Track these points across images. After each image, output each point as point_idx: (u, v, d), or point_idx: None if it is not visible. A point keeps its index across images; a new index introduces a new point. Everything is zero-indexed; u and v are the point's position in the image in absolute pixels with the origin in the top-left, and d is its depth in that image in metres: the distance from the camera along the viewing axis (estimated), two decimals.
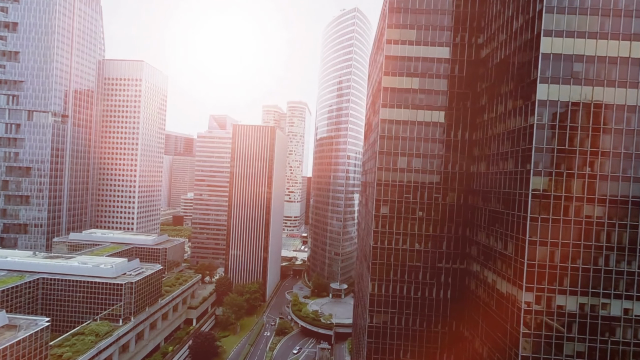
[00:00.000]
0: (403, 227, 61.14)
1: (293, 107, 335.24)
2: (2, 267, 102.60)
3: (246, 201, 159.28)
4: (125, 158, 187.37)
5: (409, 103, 60.94)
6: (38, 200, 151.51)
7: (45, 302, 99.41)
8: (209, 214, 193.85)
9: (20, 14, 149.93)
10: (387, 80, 61.18)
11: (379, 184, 61.43)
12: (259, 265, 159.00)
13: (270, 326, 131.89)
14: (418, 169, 60.93)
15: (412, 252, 61.24)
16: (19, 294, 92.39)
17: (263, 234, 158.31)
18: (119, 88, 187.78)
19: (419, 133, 60.83)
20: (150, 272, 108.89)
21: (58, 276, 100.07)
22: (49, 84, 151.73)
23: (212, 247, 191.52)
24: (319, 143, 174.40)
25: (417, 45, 60.48)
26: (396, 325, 61.41)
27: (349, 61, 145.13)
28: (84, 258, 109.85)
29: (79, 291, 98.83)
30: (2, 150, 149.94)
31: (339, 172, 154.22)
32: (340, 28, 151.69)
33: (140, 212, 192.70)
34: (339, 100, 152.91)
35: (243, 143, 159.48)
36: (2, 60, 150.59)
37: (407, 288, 61.40)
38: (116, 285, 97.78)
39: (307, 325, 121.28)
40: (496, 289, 48.34)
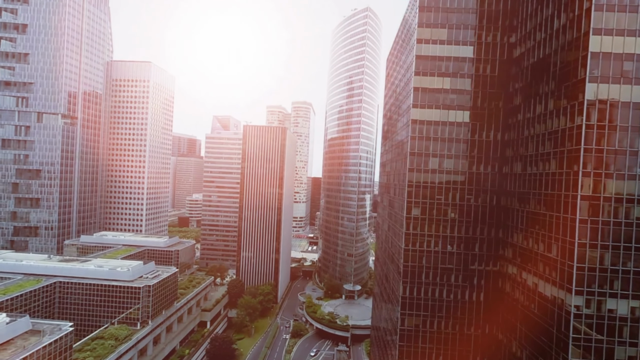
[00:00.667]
0: (435, 229, 60.37)
1: (298, 107, 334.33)
2: (18, 271, 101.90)
3: (257, 202, 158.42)
4: (133, 160, 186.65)
5: (440, 103, 60.17)
6: (48, 203, 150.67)
7: (62, 305, 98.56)
8: (218, 215, 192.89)
9: (30, 15, 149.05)
10: (418, 80, 60.39)
11: (410, 186, 60.65)
12: (271, 266, 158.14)
13: (285, 328, 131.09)
14: (450, 170, 60.16)
15: (444, 254, 60.47)
16: (36, 298, 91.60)
17: (274, 236, 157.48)
18: (127, 89, 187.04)
19: (450, 133, 60.05)
20: (166, 274, 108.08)
21: (75, 280, 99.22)
22: (59, 85, 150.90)
23: (221, 249, 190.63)
24: (329, 144, 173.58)
25: (449, 44, 59.72)
26: (428, 329, 60.63)
27: (361, 61, 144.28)
28: (100, 261, 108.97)
29: (96, 295, 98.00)
30: (12, 152, 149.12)
31: (350, 172, 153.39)
32: (351, 28, 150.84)
33: (149, 214, 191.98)
34: (350, 100, 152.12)
35: (254, 144, 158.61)
36: (11, 62, 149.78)
37: (439, 290, 60.63)
38: (133, 288, 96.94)
39: (323, 327, 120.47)
40: (538, 292, 47.54)
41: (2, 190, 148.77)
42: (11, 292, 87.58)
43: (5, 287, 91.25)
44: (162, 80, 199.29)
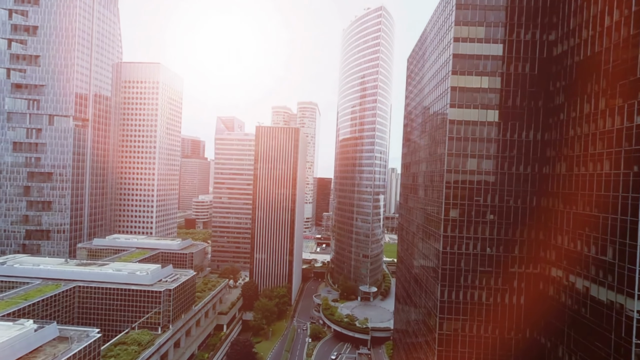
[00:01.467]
0: (473, 231, 59.16)
1: (304, 107, 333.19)
2: (36, 276, 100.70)
3: (270, 203, 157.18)
4: (143, 162, 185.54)
5: (477, 103, 58.96)
6: (60, 206, 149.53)
7: (82, 310, 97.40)
8: (229, 217, 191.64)
9: (40, 17, 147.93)
10: (455, 80, 59.19)
11: (448, 187, 59.45)
12: (285, 268, 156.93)
13: (303, 331, 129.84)
14: (488, 171, 58.95)
15: (482, 256, 59.25)
16: (56, 303, 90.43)
17: (288, 237, 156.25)
18: (137, 91, 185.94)
19: (488, 134, 58.85)
20: (184, 278, 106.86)
21: (94, 284, 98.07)
22: (70, 87, 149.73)
23: (232, 251, 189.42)
24: (341, 144, 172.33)
25: (486, 42, 58.53)
26: (467, 333, 59.40)
27: (375, 61, 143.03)
28: (117, 265, 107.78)
29: (116, 299, 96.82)
30: (23, 155, 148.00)
31: (364, 173, 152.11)
32: (364, 27, 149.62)
33: (159, 216, 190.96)
34: (363, 100, 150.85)
35: (266, 145, 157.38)
36: (22, 64, 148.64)
37: (478, 294, 59.41)
38: (154, 292, 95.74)
39: (341, 329, 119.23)
40: (590, 296, 46.31)
41: (14, 193, 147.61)
42: (32, 298, 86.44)
43: (26, 292, 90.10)
44: (171, 81, 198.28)
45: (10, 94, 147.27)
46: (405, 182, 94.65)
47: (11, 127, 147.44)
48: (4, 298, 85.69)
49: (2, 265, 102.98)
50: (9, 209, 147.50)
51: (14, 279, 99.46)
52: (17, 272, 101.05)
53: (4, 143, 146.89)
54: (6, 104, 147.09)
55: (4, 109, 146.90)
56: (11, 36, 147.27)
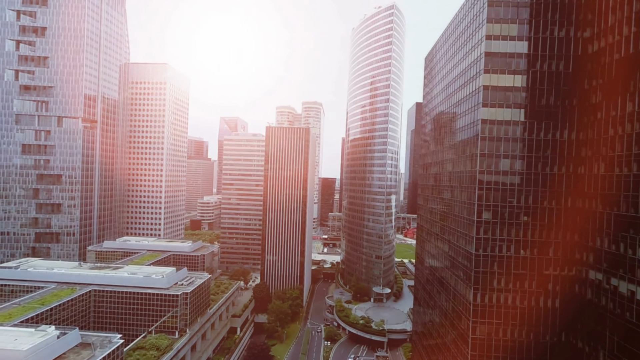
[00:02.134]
0: (507, 233, 57.89)
1: (309, 107, 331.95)
2: (51, 280, 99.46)
3: (281, 204, 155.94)
4: (151, 163, 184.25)
5: (510, 102, 57.70)
6: (70, 209, 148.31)
7: (97, 314, 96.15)
8: (237, 218, 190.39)
9: (49, 18, 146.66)
10: (487, 78, 57.92)
11: (481, 188, 58.17)
12: (296, 270, 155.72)
13: (317, 333, 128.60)
14: (522, 171, 57.67)
15: (516, 259, 58.00)
16: (73, 308, 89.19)
17: (299, 238, 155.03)
18: (144, 91, 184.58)
19: (522, 133, 57.57)
20: (199, 281, 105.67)
21: (109, 288, 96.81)
22: (79, 89, 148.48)
23: (241, 252, 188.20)
24: (351, 144, 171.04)
25: (519, 40, 57.26)
26: (501, 337, 58.17)
27: (387, 60, 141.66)
28: (132, 268, 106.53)
29: (132, 303, 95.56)
30: (32, 157, 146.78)
31: (375, 173, 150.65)
32: (375, 26, 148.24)
33: (167, 218, 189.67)
34: (375, 100, 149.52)
35: (277, 145, 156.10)
36: (30, 65, 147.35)
37: (512, 297, 58.16)
38: (171, 296, 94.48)
39: (357, 331, 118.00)
40: (636, 300, 45.05)
41: (23, 196, 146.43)
42: (49, 302, 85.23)
43: (42, 297, 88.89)
44: (177, 82, 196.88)
45: (19, 95, 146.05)
46: (425, 182, 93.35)
47: (20, 129, 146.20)
48: (21, 303, 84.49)
49: (16, 270, 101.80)
50: (18, 211, 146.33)
51: (28, 283, 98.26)
52: (32, 276, 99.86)
53: (12, 145, 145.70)
54: (15, 105, 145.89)
55: (12, 111, 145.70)
56: (19, 37, 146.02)
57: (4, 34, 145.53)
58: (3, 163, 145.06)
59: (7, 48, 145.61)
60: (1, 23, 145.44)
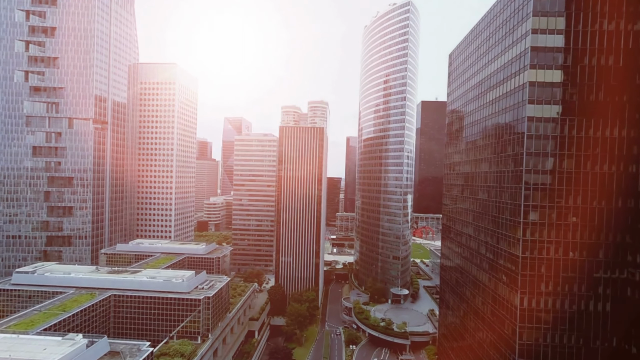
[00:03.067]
0: (555, 234, 55.71)
1: (315, 106, 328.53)
2: (69, 285, 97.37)
3: (295, 205, 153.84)
4: (161, 164, 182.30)
5: (558, 98, 55.47)
6: (82, 211, 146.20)
7: (117, 320, 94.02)
8: (249, 219, 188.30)
9: (59, 18, 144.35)
10: (533, 74, 55.70)
11: (527, 188, 55.97)
12: (311, 271, 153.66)
13: (336, 336, 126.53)
14: (570, 171, 55.45)
15: (565, 261, 55.84)
16: (94, 313, 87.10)
17: (314, 239, 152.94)
18: (153, 92, 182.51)
19: (570, 131, 55.35)
20: (220, 284, 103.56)
21: (129, 292, 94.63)
22: (89, 89, 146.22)
23: (253, 254, 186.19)
24: (364, 144, 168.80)
25: (567, 34, 54.95)
26: (550, 342, 56.03)
27: (403, 57, 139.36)
28: (150, 272, 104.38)
29: (152, 308, 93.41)
30: (43, 160, 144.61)
31: (390, 172, 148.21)
32: (390, 24, 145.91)
33: (177, 220, 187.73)
34: (390, 98, 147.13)
35: (291, 145, 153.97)
36: (40, 66, 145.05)
37: (560, 301, 56.02)
38: (193, 300, 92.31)
39: (379, 334, 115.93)
40: None
41: (34, 199, 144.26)
42: (70, 308, 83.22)
43: (62, 303, 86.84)
44: (187, 82, 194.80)
45: (29, 97, 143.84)
46: (453, 182, 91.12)
47: (30, 132, 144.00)
48: (42, 309, 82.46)
49: (33, 275, 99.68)
50: (30, 214, 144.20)
51: (46, 288, 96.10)
52: (50, 281, 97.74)
53: (23, 148, 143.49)
54: (25, 107, 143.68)
55: (22, 113, 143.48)
56: (29, 38, 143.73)
57: (13, 34, 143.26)
58: (14, 165, 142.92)
59: (17, 49, 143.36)
60: (10, 23, 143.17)
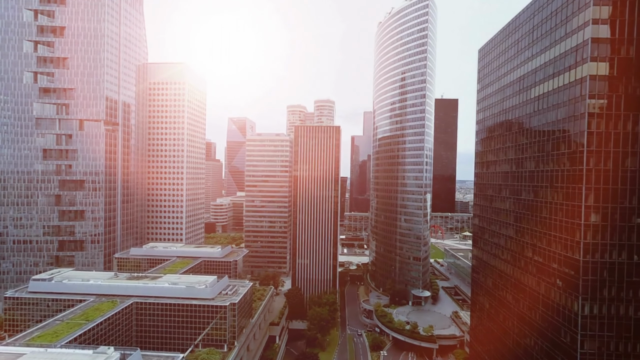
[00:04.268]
0: (618, 237, 52.62)
1: (321, 105, 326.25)
2: (88, 292, 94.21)
3: (311, 206, 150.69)
4: (171, 166, 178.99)
5: (620, 92, 52.29)
6: (94, 215, 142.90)
7: (140, 328, 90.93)
8: (262, 220, 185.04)
9: (68, 17, 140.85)
10: (594, 67, 52.50)
11: (588, 188, 52.84)
12: (328, 273, 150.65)
13: (359, 340, 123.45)
14: (634, 170, 52.33)
15: (629, 265, 52.76)
16: (117, 322, 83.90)
17: (332, 241, 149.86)
18: (163, 92, 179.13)
19: (633, 127, 52.20)
20: (243, 289, 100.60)
21: (151, 300, 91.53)
22: (100, 90, 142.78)
23: (266, 256, 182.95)
24: (379, 143, 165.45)
25: (630, 24, 51.75)
26: (613, 351, 53.02)
27: (422, 53, 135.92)
28: (172, 277, 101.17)
29: (176, 315, 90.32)
30: (54, 163, 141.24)
31: (408, 172, 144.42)
32: (407, 20, 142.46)
33: (188, 222, 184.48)
34: (408, 96, 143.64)
35: (306, 145, 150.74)
36: (49, 67, 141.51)
37: (624, 307, 52.95)
38: (218, 307, 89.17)
39: (404, 338, 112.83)
40: None
41: (46, 203, 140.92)
42: (92, 317, 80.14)
43: (83, 312, 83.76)
44: (196, 82, 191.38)
45: (38, 98, 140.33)
46: (486, 182, 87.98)
47: (40, 134, 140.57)
48: (64, 319, 79.37)
49: (50, 282, 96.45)
50: (41, 219, 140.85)
51: (65, 296, 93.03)
52: (68, 289, 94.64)
53: (33, 151, 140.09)
54: (34, 109, 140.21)
55: (32, 115, 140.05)
56: (37, 38, 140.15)
57: (22, 34, 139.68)
58: (24, 169, 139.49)
59: (25, 49, 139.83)
60: (18, 23, 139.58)
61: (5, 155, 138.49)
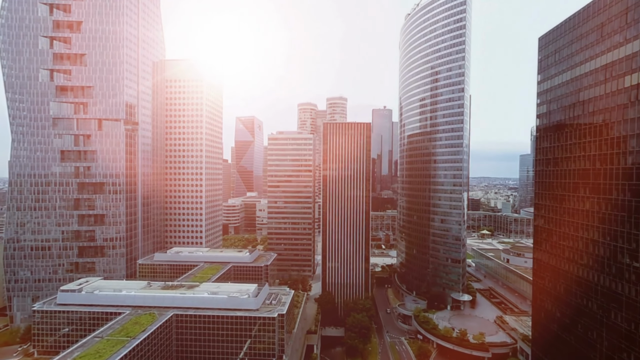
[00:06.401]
0: None
1: (334, 103, 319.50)
2: (122, 303, 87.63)
3: (341, 207, 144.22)
4: (190, 167, 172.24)
5: None
6: (114, 219, 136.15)
7: (179, 343, 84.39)
8: (285, 222, 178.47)
9: (85, 11, 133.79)
10: None
11: None
12: (360, 277, 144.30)
13: (402, 349, 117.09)
14: None
15: None
16: (158, 337, 77.22)
17: (363, 243, 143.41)
18: (180, 90, 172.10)
19: None
20: (286, 298, 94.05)
21: (191, 311, 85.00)
22: (119, 87, 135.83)
23: (290, 259, 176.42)
24: (408, 140, 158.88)
25: None
26: None
27: (460, 45, 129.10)
28: (210, 286, 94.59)
29: (220, 328, 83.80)
30: (72, 165, 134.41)
31: (448, 169, 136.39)
32: (442, 10, 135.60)
33: (207, 225, 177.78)
34: (443, 90, 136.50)
35: (335, 143, 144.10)
36: (66, 64, 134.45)
37: None
38: (267, 319, 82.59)
39: (453, 346, 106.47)
40: None
41: (64, 207, 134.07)
42: (134, 333, 73.53)
43: (122, 326, 77.10)
44: (213, 80, 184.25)
45: (55, 97, 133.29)
46: (555, 180, 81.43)
47: (58, 135, 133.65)
48: (103, 335, 72.69)
49: (80, 293, 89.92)
50: (59, 224, 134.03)
51: (98, 308, 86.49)
52: (100, 300, 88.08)
53: (50, 152, 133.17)
54: (51, 109, 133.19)
55: (49, 115, 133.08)
56: (53, 34, 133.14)
57: (37, 30, 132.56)
58: (41, 172, 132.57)
59: (41, 46, 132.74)
60: (33, 18, 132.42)
61: (22, 157, 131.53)
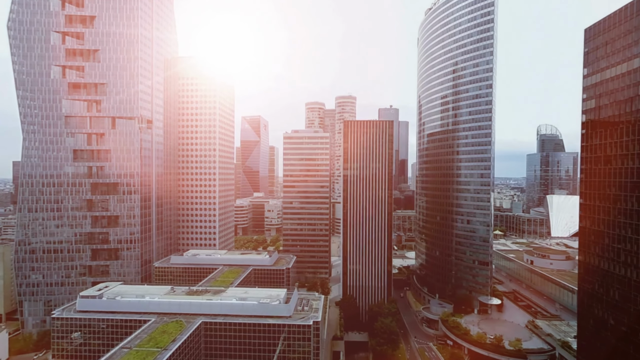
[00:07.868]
0: None
1: (343, 102, 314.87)
2: (146, 310, 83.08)
3: (362, 208, 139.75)
4: (204, 167, 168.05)
5: None
6: (129, 220, 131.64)
7: (208, 352, 79.76)
8: (301, 223, 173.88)
9: (98, 5, 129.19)
10: None
11: None
12: (382, 280, 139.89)
13: (432, 355, 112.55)
14: None
15: None
16: (187, 347, 72.60)
17: (386, 245, 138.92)
18: (193, 88, 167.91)
19: None
20: (317, 304, 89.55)
21: (219, 319, 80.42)
22: (134, 84, 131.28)
23: (307, 260, 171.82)
24: (430, 139, 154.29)
25: None
26: None
27: (488, 39, 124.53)
28: (237, 291, 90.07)
29: (251, 337, 79.27)
30: (85, 164, 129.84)
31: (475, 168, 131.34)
32: (466, 4, 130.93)
33: (220, 226, 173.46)
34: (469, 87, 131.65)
35: (356, 141, 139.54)
36: (79, 60, 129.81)
37: None
38: (302, 327, 78.08)
39: (487, 353, 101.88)
40: None
41: (77, 208, 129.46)
42: (162, 343, 69.05)
43: (149, 336, 72.55)
44: (225, 77, 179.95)
45: (68, 95, 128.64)
46: (607, 179, 76.98)
47: (70, 133, 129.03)
48: (131, 346, 68.07)
49: (101, 299, 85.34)
50: (72, 226, 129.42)
51: (120, 315, 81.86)
52: (122, 307, 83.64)
53: (63, 152, 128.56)
54: (63, 106, 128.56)
55: (61, 113, 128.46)
56: (65, 29, 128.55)
57: (48, 25, 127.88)
58: (53, 172, 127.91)
59: (53, 41, 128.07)
60: (45, 13, 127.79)
61: (33, 157, 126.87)
